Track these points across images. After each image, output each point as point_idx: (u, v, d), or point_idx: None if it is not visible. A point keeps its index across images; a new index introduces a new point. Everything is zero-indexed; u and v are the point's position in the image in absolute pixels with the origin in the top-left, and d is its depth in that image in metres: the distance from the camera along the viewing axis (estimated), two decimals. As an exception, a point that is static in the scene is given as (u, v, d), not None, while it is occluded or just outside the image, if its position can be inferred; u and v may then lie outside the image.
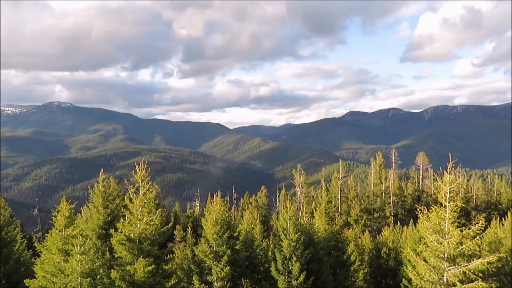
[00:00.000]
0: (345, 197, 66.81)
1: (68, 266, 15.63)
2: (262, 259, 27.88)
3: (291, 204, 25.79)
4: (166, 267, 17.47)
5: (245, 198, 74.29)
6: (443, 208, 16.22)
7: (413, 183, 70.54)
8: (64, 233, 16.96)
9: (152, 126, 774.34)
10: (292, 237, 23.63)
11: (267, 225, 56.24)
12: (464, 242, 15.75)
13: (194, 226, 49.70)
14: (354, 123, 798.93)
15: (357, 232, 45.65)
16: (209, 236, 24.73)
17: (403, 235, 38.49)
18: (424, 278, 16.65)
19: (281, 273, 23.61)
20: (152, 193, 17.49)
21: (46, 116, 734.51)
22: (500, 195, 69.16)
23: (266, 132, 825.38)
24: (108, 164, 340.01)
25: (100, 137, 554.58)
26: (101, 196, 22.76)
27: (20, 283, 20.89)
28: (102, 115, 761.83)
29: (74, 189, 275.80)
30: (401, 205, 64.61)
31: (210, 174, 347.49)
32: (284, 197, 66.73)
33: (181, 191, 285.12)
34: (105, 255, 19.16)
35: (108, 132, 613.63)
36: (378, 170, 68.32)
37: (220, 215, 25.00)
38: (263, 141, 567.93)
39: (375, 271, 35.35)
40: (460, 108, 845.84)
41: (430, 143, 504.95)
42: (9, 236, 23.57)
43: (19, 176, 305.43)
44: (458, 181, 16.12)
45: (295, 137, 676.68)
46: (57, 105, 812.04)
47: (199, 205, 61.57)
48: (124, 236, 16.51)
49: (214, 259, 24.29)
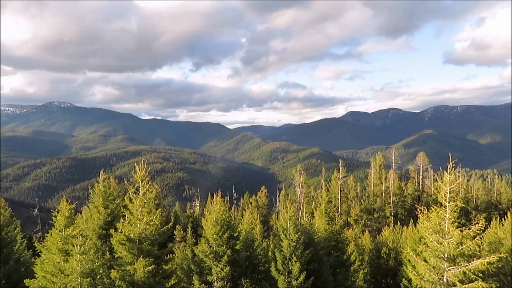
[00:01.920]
0: (345, 197, 66.79)
1: (68, 266, 15.62)
2: (262, 259, 27.87)
3: (291, 204, 25.78)
4: (166, 267, 17.46)
5: (245, 198, 74.28)
6: (443, 208, 16.21)
7: (413, 183, 70.49)
8: (64, 233, 16.96)
9: (152, 126, 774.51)
10: (292, 237, 23.62)
11: (267, 225, 56.22)
12: (464, 242, 15.73)
13: (194, 226, 49.65)
14: (354, 123, 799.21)
15: (357, 232, 45.64)
16: (209, 236, 24.72)
17: (403, 235, 38.46)
18: (424, 278, 16.64)
19: (281, 273, 23.60)
20: (152, 193, 17.47)
21: (46, 116, 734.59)
22: (500, 195, 69.12)
23: (266, 132, 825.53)
24: (108, 164, 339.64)
25: (100, 137, 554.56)
26: (101, 196, 22.76)
27: (20, 283, 20.86)
28: (102, 115, 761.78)
29: (74, 189, 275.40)
30: (401, 205, 64.56)
31: (210, 174, 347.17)
32: (284, 197, 66.72)
33: (181, 191, 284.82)
34: (105, 255, 19.17)
35: (108, 132, 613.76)
36: (378, 170, 68.28)
37: (220, 215, 24.98)
38: (263, 141, 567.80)
39: (375, 271, 35.33)
40: (460, 108, 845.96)
41: (430, 143, 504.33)
42: (9, 236, 23.55)
43: (19, 176, 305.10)
44: (458, 181, 16.11)
45: (295, 137, 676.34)
46: (57, 105, 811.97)
47: (199, 205, 61.56)
48: (124, 236, 16.50)
49: (214, 259, 24.28)
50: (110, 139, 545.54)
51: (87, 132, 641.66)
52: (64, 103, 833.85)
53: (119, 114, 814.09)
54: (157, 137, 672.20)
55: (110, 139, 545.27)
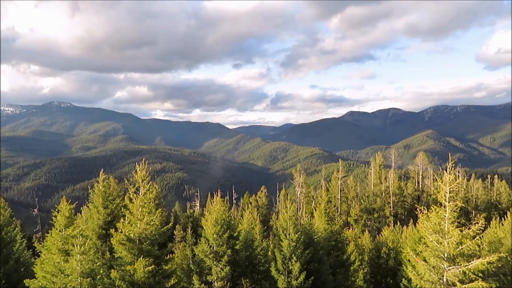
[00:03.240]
0: (345, 197, 66.77)
1: (68, 266, 15.62)
2: (262, 259, 27.87)
3: (291, 204, 25.79)
4: (166, 267, 17.46)
5: (245, 198, 74.29)
6: (443, 208, 16.23)
7: (413, 183, 70.51)
8: (64, 233, 16.96)
9: (152, 126, 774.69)
10: (292, 237, 23.63)
11: (267, 225, 56.24)
12: (464, 242, 15.75)
13: (194, 226, 49.63)
14: (354, 123, 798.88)
15: (357, 232, 45.62)
16: (209, 236, 24.73)
17: (403, 235, 38.47)
18: (424, 278, 16.65)
19: (281, 273, 23.61)
20: (152, 193, 17.48)
21: (46, 116, 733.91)
22: (500, 195, 69.18)
23: (266, 132, 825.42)
24: (108, 164, 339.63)
25: (100, 137, 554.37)
26: (101, 196, 22.76)
27: (20, 283, 20.87)
28: (102, 115, 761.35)
29: (74, 189, 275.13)
30: (401, 205, 64.56)
31: (210, 174, 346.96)
32: (284, 197, 66.74)
33: (181, 191, 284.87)
34: (105, 255, 19.18)
35: (108, 132, 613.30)
36: (378, 170, 68.28)
37: (220, 215, 24.99)
38: (263, 141, 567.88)
39: (375, 271, 35.35)
40: (460, 108, 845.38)
41: (429, 143, 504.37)
42: (9, 236, 23.54)
43: (19, 176, 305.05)
44: (458, 181, 16.12)
45: (295, 137, 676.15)
46: (57, 105, 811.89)
47: (199, 205, 61.54)
48: (124, 236, 16.51)
49: (214, 259, 24.29)
50: (110, 139, 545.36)
51: (87, 132, 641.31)
52: (64, 103, 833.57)
53: (119, 114, 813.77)
54: (157, 137, 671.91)
55: (110, 139, 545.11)
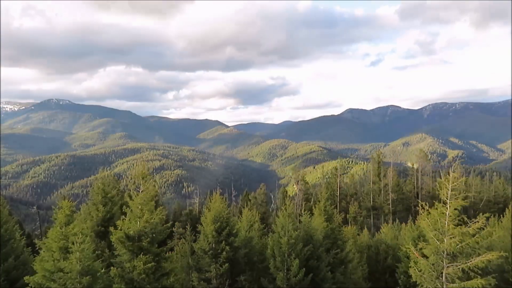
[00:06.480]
0: (343, 194, 66.88)
1: (68, 263, 15.61)
2: (261, 256, 27.89)
3: (290, 201, 25.79)
4: (165, 264, 17.48)
5: (244, 195, 74.27)
6: (444, 205, 16.24)
7: (412, 181, 70.63)
8: (64, 230, 16.94)
9: (151, 124, 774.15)
10: (291, 234, 23.65)
11: (266, 222, 56.24)
12: (463, 239, 15.77)
13: (193, 223, 49.57)
14: (353, 120, 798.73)
15: (355, 229, 45.69)
16: (208, 233, 24.73)
17: (402, 232, 38.57)
18: (423, 275, 16.69)
19: (280, 270, 23.63)
20: (151, 190, 17.47)
21: (45, 113, 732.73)
22: (498, 192, 69.31)
23: (265, 129, 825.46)
24: (107, 161, 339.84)
25: (99, 135, 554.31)
26: (100, 193, 22.75)
27: (19, 280, 20.86)
28: (101, 113, 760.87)
29: (73, 186, 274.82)
30: (400, 202, 64.69)
31: (209, 171, 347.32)
32: (283, 194, 66.80)
33: (180, 189, 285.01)
34: (105, 252, 19.17)
35: (107, 130, 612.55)
36: (376, 167, 68.35)
37: (219, 212, 24.99)
38: (262, 138, 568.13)
39: (374, 268, 35.47)
40: (459, 105, 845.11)
41: (428, 140, 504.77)
42: (8, 233, 23.52)
43: (18, 174, 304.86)
44: (461, 180, 16.12)
45: (294, 134, 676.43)
46: (55, 103, 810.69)
47: (198, 202, 61.55)
48: (124, 234, 16.51)
49: (213, 256, 24.31)
50: (109, 136, 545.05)
51: (86, 129, 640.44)
52: (63, 100, 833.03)
53: (118, 111, 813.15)
54: (156, 135, 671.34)
55: (109, 136, 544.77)
